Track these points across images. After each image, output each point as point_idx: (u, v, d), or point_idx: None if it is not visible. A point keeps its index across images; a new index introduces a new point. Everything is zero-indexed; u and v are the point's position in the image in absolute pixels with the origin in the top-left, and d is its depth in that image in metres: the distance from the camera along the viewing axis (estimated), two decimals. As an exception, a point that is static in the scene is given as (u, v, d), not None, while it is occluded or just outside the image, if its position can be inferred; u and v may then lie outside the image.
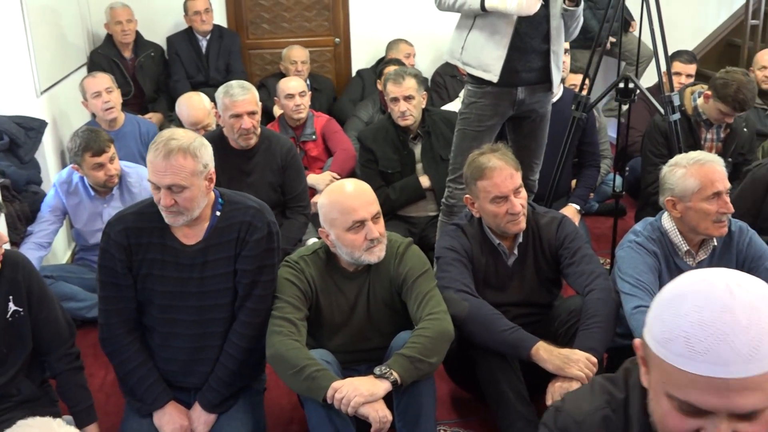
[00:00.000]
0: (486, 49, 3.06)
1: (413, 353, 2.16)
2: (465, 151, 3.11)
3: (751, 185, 2.98)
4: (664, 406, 1.09)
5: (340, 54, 5.93)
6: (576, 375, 2.24)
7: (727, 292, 1.04)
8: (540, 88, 3.19)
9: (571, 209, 3.82)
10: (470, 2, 2.99)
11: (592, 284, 2.47)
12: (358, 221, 2.29)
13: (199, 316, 2.34)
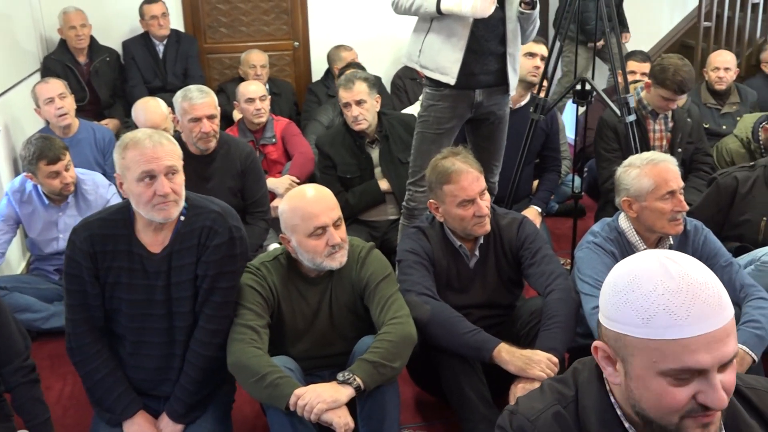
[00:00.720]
0: (443, 52, 3.07)
1: (376, 358, 2.15)
2: (425, 154, 3.13)
3: (716, 193, 3.03)
4: (658, 388, 1.11)
5: (300, 58, 5.90)
6: (538, 376, 2.25)
7: (668, 262, 1.12)
8: (497, 90, 3.21)
9: (532, 211, 3.86)
10: (426, 5, 3.00)
11: (552, 284, 2.49)
12: (320, 227, 2.27)
13: (168, 323, 2.30)
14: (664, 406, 1.12)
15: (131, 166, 2.15)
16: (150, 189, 2.14)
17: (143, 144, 2.14)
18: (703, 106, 4.72)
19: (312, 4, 5.74)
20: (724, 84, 4.75)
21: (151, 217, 2.19)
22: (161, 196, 2.14)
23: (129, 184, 2.17)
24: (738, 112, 4.68)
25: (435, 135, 3.19)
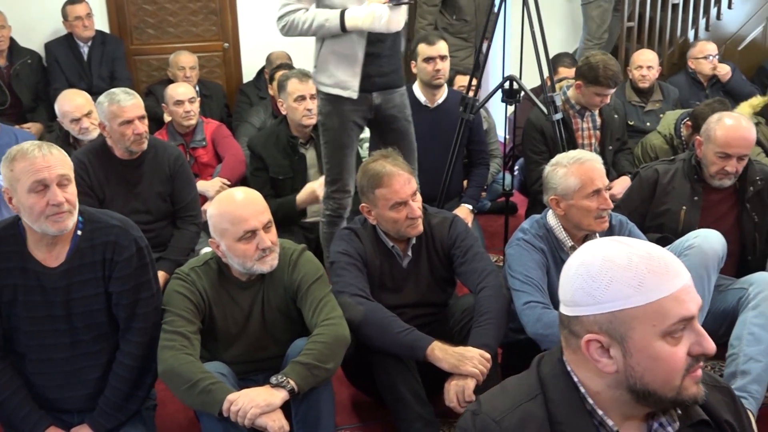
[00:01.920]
0: (341, 66, 3.02)
1: (309, 360, 2.14)
2: (341, 161, 3.12)
3: (639, 186, 3.12)
4: (661, 352, 1.16)
5: (230, 59, 5.84)
6: (471, 372, 2.28)
7: (621, 239, 1.22)
8: (394, 92, 3.18)
9: (463, 209, 3.89)
10: (329, 25, 2.93)
11: (483, 282, 2.52)
12: (249, 231, 2.25)
13: (71, 338, 2.24)
14: (669, 370, 1.16)
15: (21, 178, 2.08)
16: (43, 199, 2.08)
17: (33, 154, 2.07)
18: (628, 104, 4.85)
19: (242, 5, 5.69)
20: (648, 82, 4.89)
21: (44, 230, 2.12)
22: (55, 205, 2.08)
23: (19, 196, 2.10)
24: (661, 110, 4.82)
25: (345, 140, 3.14)
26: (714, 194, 3.04)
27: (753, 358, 2.56)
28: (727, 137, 2.89)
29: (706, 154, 2.97)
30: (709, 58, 5.15)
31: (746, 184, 3.01)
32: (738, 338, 2.64)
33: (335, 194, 3.24)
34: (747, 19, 5.89)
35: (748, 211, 3.02)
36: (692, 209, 3.01)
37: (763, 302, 2.65)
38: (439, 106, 3.93)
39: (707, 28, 5.78)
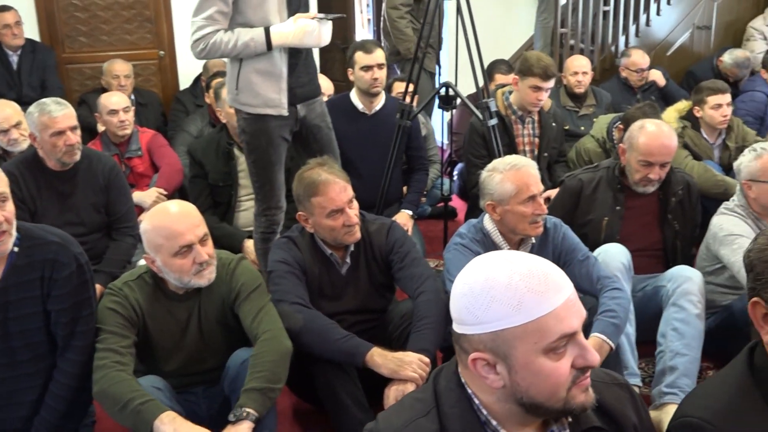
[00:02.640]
0: (266, 85, 2.96)
1: (263, 384, 2.11)
2: (271, 179, 3.10)
3: (562, 195, 3.18)
4: (544, 368, 1.17)
5: (166, 67, 5.76)
6: (410, 377, 2.29)
7: (506, 255, 1.22)
8: (315, 101, 3.16)
9: (403, 215, 3.91)
10: (254, 45, 2.86)
11: (421, 287, 2.54)
12: (185, 246, 2.21)
13: (9, 358, 2.19)
14: (553, 384, 1.18)
15: None
16: None
17: None
18: (563, 109, 4.96)
19: (177, 13, 5.62)
20: (583, 87, 5.01)
21: None
22: None
23: None
24: (595, 114, 4.94)
25: (273, 157, 3.10)
26: (637, 202, 3.12)
27: (678, 352, 2.65)
28: (649, 146, 2.98)
29: (630, 162, 3.05)
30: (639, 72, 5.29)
31: (669, 194, 3.11)
32: (663, 335, 2.73)
33: (267, 212, 3.20)
34: (675, 26, 6.08)
35: (670, 221, 3.12)
36: (614, 219, 3.09)
37: (681, 297, 2.74)
38: (376, 113, 3.95)
39: (637, 34, 5.95)
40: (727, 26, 6.20)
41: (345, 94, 4.03)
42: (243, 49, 2.87)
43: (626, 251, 2.86)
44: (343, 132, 3.87)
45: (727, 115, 4.25)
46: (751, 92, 5.01)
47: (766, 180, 2.87)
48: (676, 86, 5.61)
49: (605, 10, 5.82)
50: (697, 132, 4.32)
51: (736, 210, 2.99)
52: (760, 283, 1.32)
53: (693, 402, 1.41)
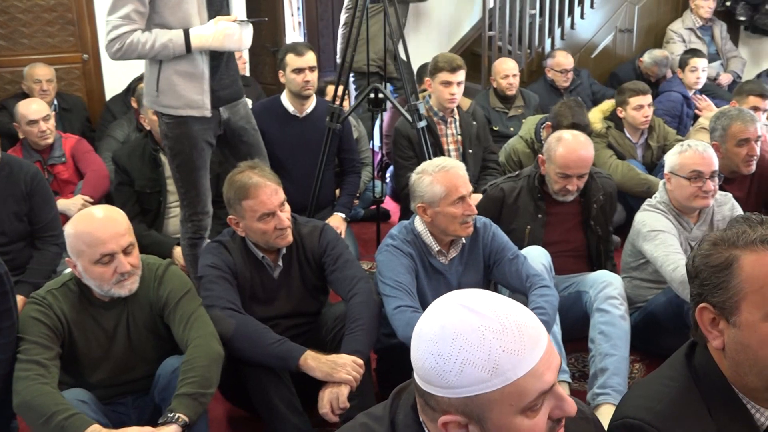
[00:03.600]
0: (188, 86, 2.90)
1: (195, 389, 2.08)
2: (196, 183, 3.05)
3: (485, 204, 3.23)
4: (524, 426, 1.08)
5: (90, 71, 5.60)
6: (344, 379, 2.29)
7: (471, 303, 1.09)
8: (238, 104, 3.12)
9: (336, 218, 3.90)
10: (173, 46, 2.79)
11: (354, 289, 2.55)
12: (107, 254, 2.17)
13: None
14: None
15: None
16: None
17: None
18: (493, 111, 5.04)
19: (100, 15, 5.47)
20: (514, 89, 5.11)
21: None
22: None
23: None
24: (523, 115, 5.04)
25: (198, 161, 3.04)
26: (559, 209, 3.20)
27: (608, 353, 2.72)
28: (566, 158, 3.05)
29: (549, 173, 3.13)
30: (564, 73, 5.42)
31: (590, 201, 3.19)
32: (592, 341, 2.81)
33: (193, 217, 3.15)
34: (598, 29, 6.24)
35: (593, 227, 3.21)
36: (536, 227, 3.17)
37: (604, 302, 2.83)
38: (308, 116, 3.94)
39: (563, 37, 6.09)
40: (648, 29, 6.40)
41: (276, 97, 4.00)
42: (161, 50, 2.80)
43: (546, 253, 2.94)
44: (274, 135, 3.86)
45: (649, 115, 4.40)
46: (668, 92, 5.19)
47: (682, 174, 2.98)
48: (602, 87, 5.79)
49: (531, 13, 5.94)
50: (621, 132, 4.45)
51: (658, 206, 3.08)
52: (707, 288, 1.32)
53: (633, 403, 1.41)
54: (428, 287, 2.68)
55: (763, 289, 1.26)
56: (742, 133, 3.38)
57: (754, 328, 1.27)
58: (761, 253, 1.28)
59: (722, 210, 3.13)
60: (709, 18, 6.12)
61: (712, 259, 1.32)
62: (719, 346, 1.33)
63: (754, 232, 1.30)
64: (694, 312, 1.36)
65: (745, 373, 1.31)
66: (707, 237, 1.38)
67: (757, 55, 6.40)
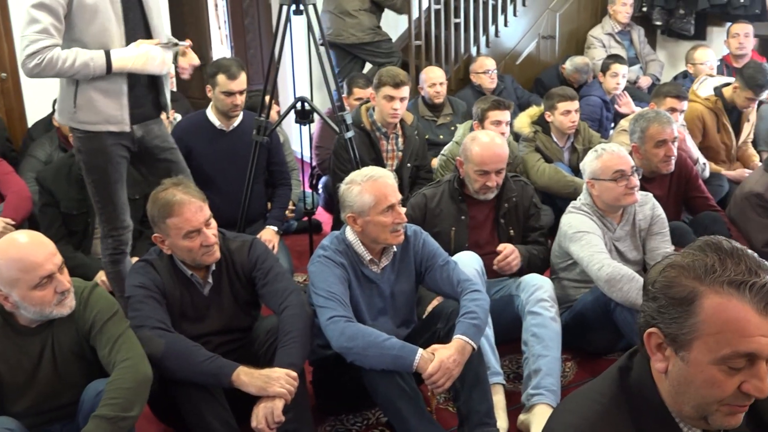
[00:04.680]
0: (106, 102, 2.86)
1: (115, 412, 2.04)
2: (113, 198, 3.00)
3: (408, 212, 3.28)
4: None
5: (9, 90, 5.43)
6: (278, 392, 2.28)
7: None
8: (152, 123, 3.07)
9: (269, 231, 3.88)
10: (93, 66, 2.75)
11: (286, 301, 2.54)
12: (46, 276, 2.13)
13: None
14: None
15: None
16: None
17: None
18: (422, 119, 5.09)
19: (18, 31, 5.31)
20: (442, 97, 5.17)
21: None
22: None
23: None
24: (452, 123, 5.11)
25: (113, 176, 3.00)
26: (478, 212, 3.27)
27: (540, 355, 2.78)
28: (483, 155, 3.13)
29: (468, 173, 3.19)
30: (488, 73, 5.53)
31: (501, 201, 3.27)
32: (525, 343, 2.87)
33: (113, 232, 3.09)
34: (522, 36, 6.37)
35: (503, 226, 3.27)
36: (461, 229, 3.23)
37: (535, 305, 2.90)
38: (235, 130, 3.91)
39: (487, 45, 6.19)
40: (569, 35, 6.56)
41: (201, 112, 3.96)
42: (81, 69, 2.75)
43: (478, 258, 2.99)
44: (201, 150, 3.82)
45: (575, 120, 4.51)
46: (587, 97, 5.33)
47: (605, 178, 3.07)
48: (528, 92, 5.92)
49: (456, 22, 6.02)
50: (548, 136, 4.55)
51: (583, 208, 3.17)
52: (662, 316, 1.28)
53: (561, 418, 1.40)
54: (361, 297, 2.68)
55: (719, 335, 1.21)
56: (660, 135, 3.50)
57: (702, 369, 1.24)
58: (725, 296, 1.21)
59: (643, 209, 3.23)
60: (627, 23, 6.31)
61: (673, 291, 1.26)
62: (662, 370, 1.31)
63: (723, 270, 1.23)
64: (643, 331, 1.32)
65: (683, 402, 1.29)
66: (673, 261, 1.30)
67: (673, 57, 6.63)
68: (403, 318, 2.80)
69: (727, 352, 1.21)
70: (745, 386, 1.22)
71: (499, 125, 4.11)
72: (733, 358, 1.21)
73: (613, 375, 1.39)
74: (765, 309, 1.20)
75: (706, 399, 1.25)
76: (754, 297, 1.20)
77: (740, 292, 1.21)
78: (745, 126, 4.60)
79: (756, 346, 1.20)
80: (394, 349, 2.38)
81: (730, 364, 1.21)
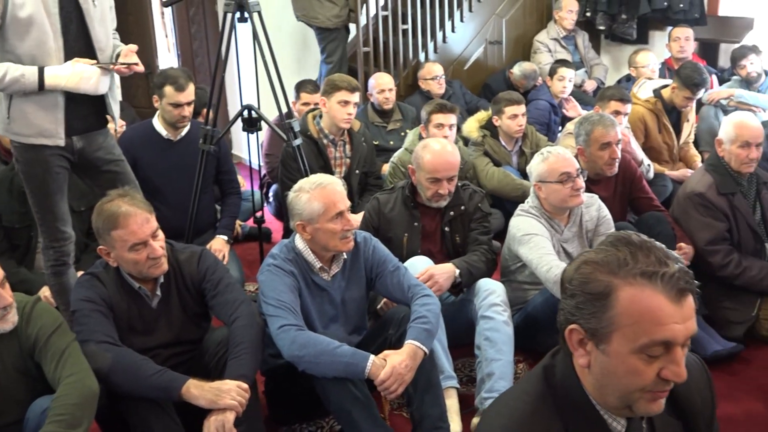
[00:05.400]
0: (40, 114, 2.79)
1: (61, 428, 2.01)
2: (52, 208, 2.94)
3: (368, 215, 3.30)
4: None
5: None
6: (229, 405, 2.26)
7: None
8: (96, 134, 3.01)
9: (219, 241, 3.84)
10: (24, 81, 2.68)
11: (236, 312, 2.52)
12: None
13: None
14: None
15: None
16: None
17: None
18: (372, 126, 5.10)
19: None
20: (391, 103, 5.19)
21: None
22: None
23: None
24: (401, 128, 5.13)
25: (52, 186, 2.93)
26: (429, 219, 3.29)
27: (493, 358, 2.81)
28: (434, 163, 3.15)
29: (420, 181, 3.21)
30: (437, 79, 5.57)
31: (448, 209, 3.29)
32: (478, 347, 2.89)
33: (54, 244, 3.02)
34: (469, 42, 6.43)
35: (448, 234, 3.29)
36: (413, 235, 3.25)
37: (488, 309, 2.93)
38: (182, 139, 3.86)
39: (435, 50, 6.23)
40: (516, 41, 6.65)
41: (147, 122, 3.91)
42: (11, 84, 2.68)
43: (431, 263, 3.00)
44: (148, 160, 3.77)
45: (523, 124, 4.58)
46: (536, 101, 5.41)
47: (552, 180, 3.11)
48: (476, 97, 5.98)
49: (404, 29, 6.05)
50: (497, 140, 4.61)
51: (531, 211, 3.21)
52: (581, 312, 1.31)
53: (490, 422, 1.43)
54: (312, 305, 2.68)
55: (636, 325, 1.26)
56: (604, 137, 3.56)
57: (623, 359, 1.28)
58: (638, 287, 1.26)
59: (590, 211, 3.29)
60: (572, 28, 6.41)
61: (590, 287, 1.30)
62: (585, 365, 1.34)
63: (635, 263, 1.27)
64: (564, 329, 1.36)
65: (607, 394, 1.33)
66: (588, 257, 1.34)
67: (617, 61, 6.76)
68: (355, 325, 2.80)
69: (644, 341, 1.25)
70: (664, 372, 1.27)
71: (442, 128, 4.15)
72: (651, 346, 1.25)
73: (538, 374, 1.43)
74: (676, 297, 1.25)
75: (628, 388, 1.29)
76: (665, 286, 1.25)
77: (652, 282, 1.25)
78: (685, 126, 4.72)
79: (670, 334, 1.25)
80: (345, 356, 2.38)
81: (648, 352, 1.26)
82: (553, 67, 5.59)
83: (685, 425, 1.47)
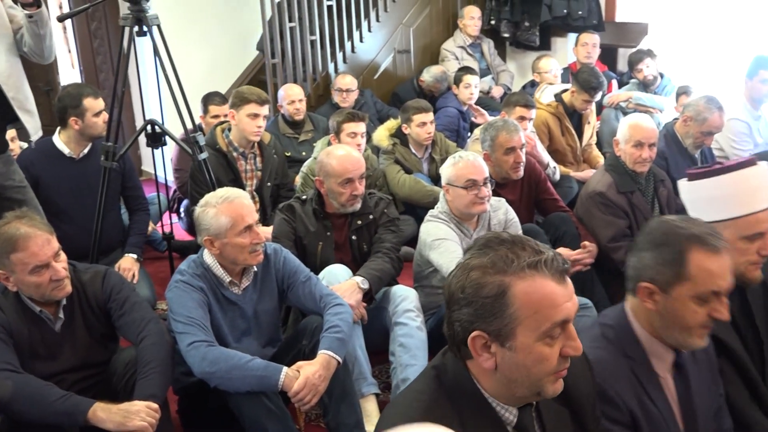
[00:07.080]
0: None
1: None
2: None
3: (279, 225, 3.27)
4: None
5: None
6: (139, 426, 2.21)
7: None
8: None
9: (128, 259, 3.74)
10: None
11: (144, 331, 2.47)
12: None
13: None
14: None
15: None
16: None
17: None
18: (283, 137, 5.08)
19: None
20: (302, 114, 5.19)
21: None
22: None
23: None
24: (313, 139, 5.12)
25: None
26: (337, 230, 3.31)
27: (408, 364, 2.84)
28: (344, 164, 3.17)
29: (331, 188, 3.21)
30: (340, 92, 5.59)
31: (355, 217, 3.31)
32: (392, 354, 2.93)
33: None
34: (378, 51, 6.50)
35: (356, 242, 3.32)
36: (327, 244, 3.26)
37: (401, 315, 2.97)
38: (85, 157, 3.76)
39: (345, 60, 6.27)
40: (423, 49, 6.75)
41: (48, 140, 3.77)
42: None
43: (348, 271, 3.03)
44: (49, 179, 3.66)
45: (431, 132, 4.65)
46: (445, 108, 5.50)
47: (458, 185, 3.17)
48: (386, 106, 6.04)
49: (312, 39, 6.06)
50: (407, 148, 4.66)
51: (440, 216, 3.26)
52: (482, 317, 1.33)
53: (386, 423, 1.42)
54: (223, 319, 2.64)
55: (537, 314, 1.32)
56: (508, 143, 3.66)
57: (530, 350, 1.33)
58: (529, 279, 1.32)
59: (497, 215, 3.36)
60: (478, 36, 6.56)
61: (485, 291, 1.33)
62: (491, 367, 1.37)
63: (518, 258, 1.32)
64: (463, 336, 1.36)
65: (517, 388, 1.38)
66: (470, 264, 1.36)
67: (522, 68, 6.95)
68: (269, 337, 2.78)
69: (546, 326, 1.33)
70: (565, 350, 1.36)
71: (354, 137, 4.18)
72: (552, 329, 1.34)
73: (429, 374, 1.47)
74: (560, 278, 1.35)
75: (539, 375, 1.36)
76: (549, 270, 1.34)
77: (539, 271, 1.33)
78: (587, 128, 4.90)
79: (566, 312, 1.35)
80: (258, 369, 2.36)
81: (550, 335, 1.34)
82: (457, 75, 5.69)
83: (572, 412, 1.54)
